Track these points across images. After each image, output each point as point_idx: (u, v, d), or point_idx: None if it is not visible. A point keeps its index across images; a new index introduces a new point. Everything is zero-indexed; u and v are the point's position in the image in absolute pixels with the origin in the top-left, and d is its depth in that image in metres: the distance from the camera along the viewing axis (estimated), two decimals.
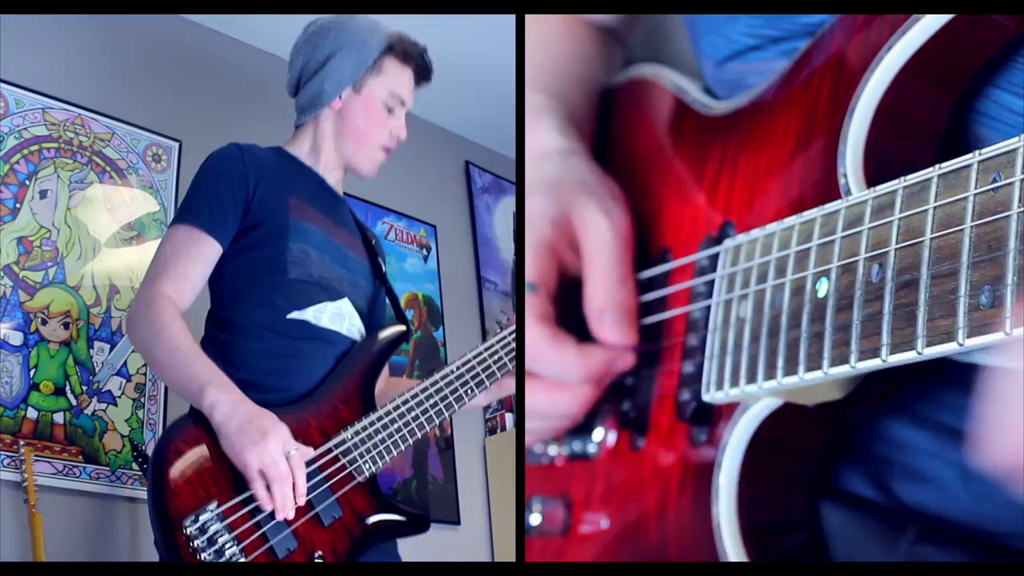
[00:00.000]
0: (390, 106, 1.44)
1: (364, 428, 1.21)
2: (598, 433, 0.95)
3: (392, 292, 1.46)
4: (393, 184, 2.86)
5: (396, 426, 1.24)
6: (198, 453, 1.13)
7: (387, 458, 1.22)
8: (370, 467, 1.20)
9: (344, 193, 1.50)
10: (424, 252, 2.87)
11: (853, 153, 0.72)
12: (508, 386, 1.41)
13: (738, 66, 0.92)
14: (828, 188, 0.74)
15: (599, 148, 1.03)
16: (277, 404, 1.18)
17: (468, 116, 3.10)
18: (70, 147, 2.10)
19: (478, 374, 1.33)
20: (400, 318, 1.41)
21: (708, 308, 0.85)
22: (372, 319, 1.40)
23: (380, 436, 1.22)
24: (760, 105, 0.86)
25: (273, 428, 1.12)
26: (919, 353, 0.60)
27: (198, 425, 1.14)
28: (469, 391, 1.32)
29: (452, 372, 1.31)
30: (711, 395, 0.82)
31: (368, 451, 1.20)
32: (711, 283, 0.86)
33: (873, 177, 0.69)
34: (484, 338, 2.94)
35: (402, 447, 1.24)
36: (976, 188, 0.59)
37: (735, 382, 0.78)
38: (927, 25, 0.68)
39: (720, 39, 0.93)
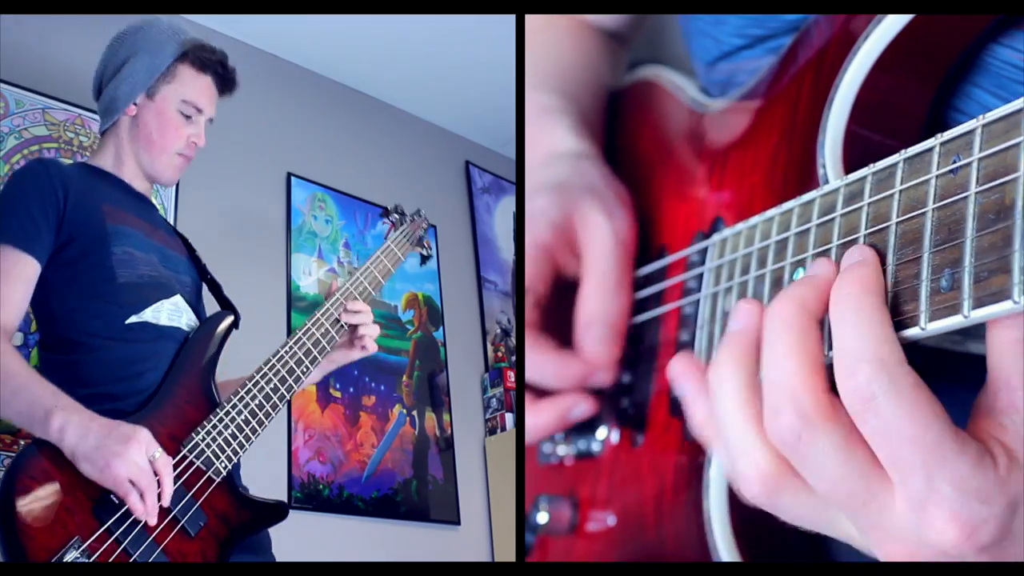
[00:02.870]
0: (186, 113, 1.41)
1: (214, 426, 1.20)
2: (601, 431, 0.95)
3: (215, 283, 1.45)
4: (393, 184, 2.87)
5: (243, 416, 1.22)
6: (49, 487, 1.06)
7: (241, 453, 1.21)
8: (226, 465, 1.19)
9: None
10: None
11: (832, 144, 0.73)
12: (339, 358, 1.43)
13: (728, 66, 0.93)
14: (810, 180, 0.74)
15: (607, 151, 1.04)
16: (131, 411, 1.16)
17: (468, 116, 3.11)
18: (70, 147, 2.10)
19: (309, 350, 1.33)
20: (226, 306, 1.40)
21: (698, 303, 0.86)
22: (199, 314, 1.39)
23: (230, 431, 1.21)
24: (748, 102, 0.87)
25: (134, 433, 1.09)
26: None
27: (43, 456, 1.08)
28: (304, 368, 1.31)
29: (285, 353, 1.30)
30: None
31: (222, 449, 1.19)
32: (701, 278, 0.86)
33: (853, 167, 0.69)
34: (484, 338, 2.95)
35: (253, 438, 1.23)
36: (937, 171, 0.59)
37: None
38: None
39: (709, 41, 0.94)
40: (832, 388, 0.61)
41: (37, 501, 1.05)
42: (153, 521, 1.09)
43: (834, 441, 0.60)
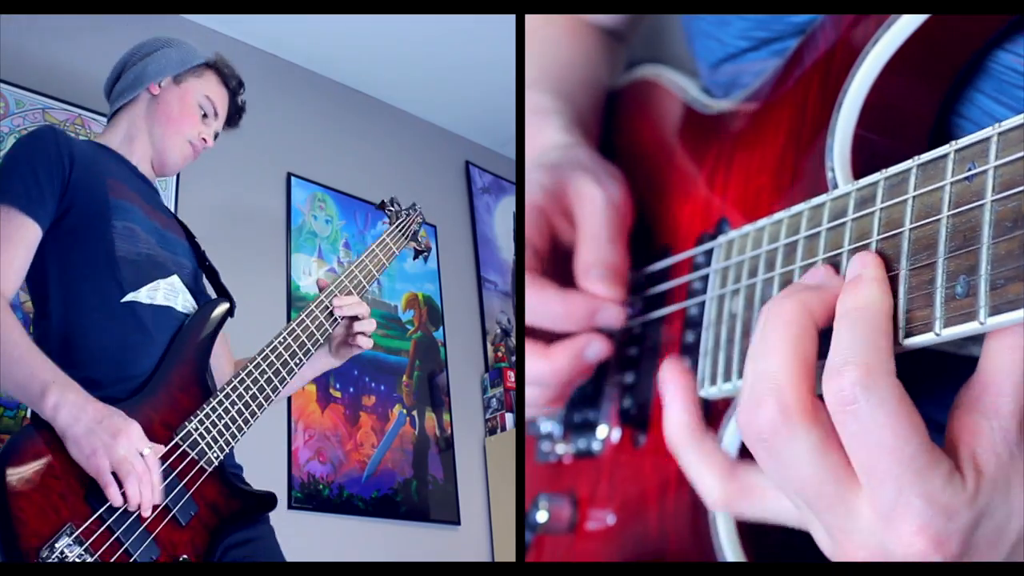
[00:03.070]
0: (204, 111, 1.46)
1: (207, 415, 1.19)
2: (602, 430, 0.95)
3: (213, 270, 1.44)
4: (393, 184, 2.87)
5: (237, 408, 1.22)
6: (43, 470, 1.05)
7: (233, 443, 1.21)
8: (218, 455, 1.19)
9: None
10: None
11: (841, 148, 0.73)
12: (345, 352, 1.43)
13: (732, 67, 0.93)
14: (818, 183, 0.75)
15: (605, 149, 1.04)
16: (123, 398, 1.15)
17: (468, 116, 3.11)
18: None
19: (303, 342, 1.32)
20: (222, 293, 1.40)
21: (704, 304, 0.86)
22: (200, 300, 1.38)
23: (224, 421, 1.20)
24: (754, 104, 0.87)
25: (125, 426, 1.08)
26: (899, 344, 0.61)
27: (40, 436, 1.07)
28: (298, 360, 1.31)
29: (279, 343, 1.30)
30: (706, 391, 0.82)
31: (215, 439, 1.19)
32: (707, 279, 0.86)
33: (862, 171, 0.70)
34: (484, 338, 2.95)
35: (246, 429, 1.23)
36: (952, 178, 0.59)
37: (727, 377, 0.79)
38: (912, 17, 0.69)
39: (713, 42, 0.94)
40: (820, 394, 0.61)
41: (30, 486, 1.03)
42: (142, 511, 1.08)
43: (811, 441, 0.60)
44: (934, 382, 0.75)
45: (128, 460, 1.06)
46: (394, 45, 2.74)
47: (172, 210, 2.21)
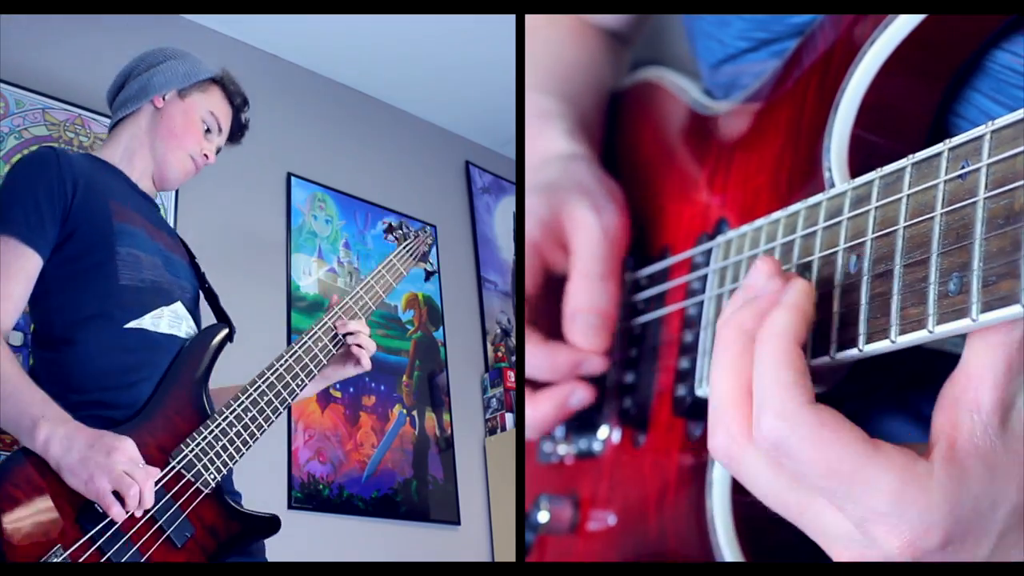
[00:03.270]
0: (208, 126, 1.45)
1: (204, 438, 1.18)
2: (603, 431, 0.95)
3: (212, 293, 1.43)
4: (393, 184, 2.87)
5: (236, 429, 1.20)
6: (33, 496, 1.05)
7: (231, 464, 1.20)
8: (215, 476, 1.17)
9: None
10: None
11: (838, 148, 0.73)
12: (331, 374, 1.41)
13: (732, 68, 0.94)
14: (815, 183, 0.75)
15: (607, 150, 1.04)
16: (122, 420, 1.15)
17: (468, 116, 3.11)
18: (70, 147, 2.10)
19: (306, 364, 1.31)
20: (221, 317, 1.38)
21: (703, 304, 0.86)
22: (197, 321, 1.37)
23: (221, 443, 1.18)
24: (753, 104, 0.88)
25: (118, 443, 1.08)
26: (893, 342, 0.61)
27: (29, 463, 1.07)
28: (299, 382, 1.29)
29: (280, 365, 1.29)
30: (704, 390, 0.82)
31: (212, 461, 1.17)
32: (705, 279, 0.86)
33: (859, 171, 0.70)
34: (484, 338, 2.95)
35: (244, 451, 1.21)
36: (946, 176, 0.60)
37: None
38: (909, 17, 0.69)
39: (714, 43, 0.95)
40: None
41: (19, 510, 1.03)
42: (138, 513, 1.08)
43: (760, 460, 0.63)
44: (931, 380, 0.75)
45: (128, 475, 1.06)
46: (394, 45, 2.74)
47: (172, 209, 2.21)
